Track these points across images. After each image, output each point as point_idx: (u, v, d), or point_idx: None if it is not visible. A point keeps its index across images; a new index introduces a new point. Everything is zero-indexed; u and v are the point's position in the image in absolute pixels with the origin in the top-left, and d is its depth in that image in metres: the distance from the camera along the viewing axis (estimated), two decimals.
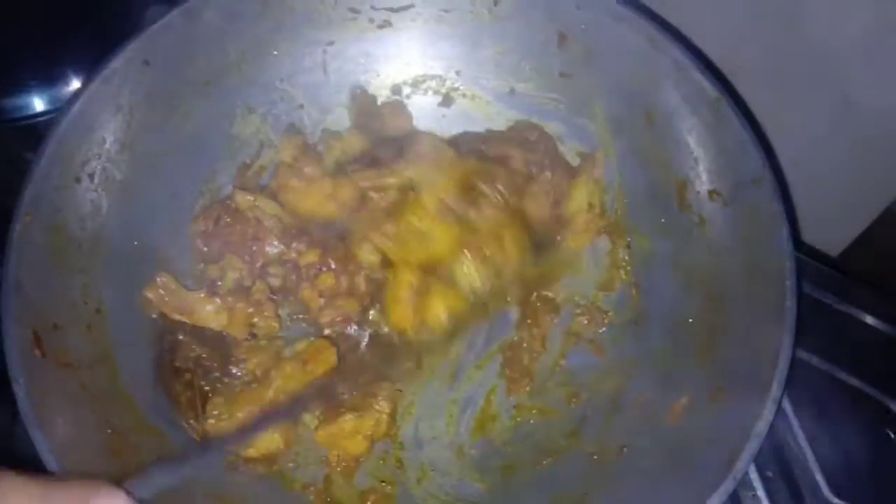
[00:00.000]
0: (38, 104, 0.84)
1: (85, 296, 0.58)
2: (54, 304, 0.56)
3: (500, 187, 0.66)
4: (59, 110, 0.82)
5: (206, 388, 0.59)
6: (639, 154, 0.67)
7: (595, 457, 0.60)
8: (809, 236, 0.87)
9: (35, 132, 0.85)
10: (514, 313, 0.68)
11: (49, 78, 0.85)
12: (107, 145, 0.61)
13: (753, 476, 0.66)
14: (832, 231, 0.90)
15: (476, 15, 0.69)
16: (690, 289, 0.63)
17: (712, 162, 0.62)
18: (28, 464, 0.64)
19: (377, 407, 0.60)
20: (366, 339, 0.64)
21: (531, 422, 0.65)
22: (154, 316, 0.61)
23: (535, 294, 0.68)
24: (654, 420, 0.59)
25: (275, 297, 0.65)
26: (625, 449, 0.59)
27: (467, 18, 0.70)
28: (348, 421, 0.59)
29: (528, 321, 0.67)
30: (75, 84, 0.85)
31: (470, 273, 0.62)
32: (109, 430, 0.54)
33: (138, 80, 0.61)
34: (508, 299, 0.67)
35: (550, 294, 0.68)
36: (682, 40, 0.63)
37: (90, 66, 0.84)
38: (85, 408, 0.54)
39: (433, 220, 0.63)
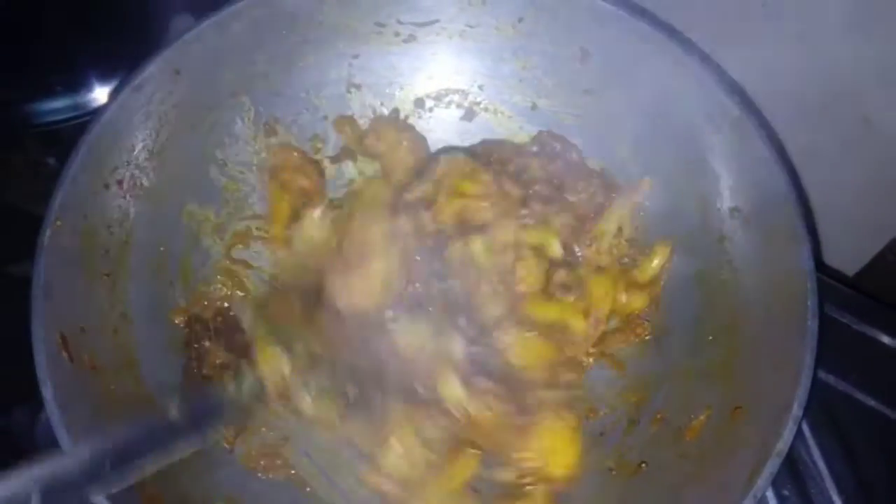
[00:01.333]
0: (61, 110, 0.86)
1: (111, 301, 0.59)
2: (81, 308, 0.57)
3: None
4: (81, 116, 0.85)
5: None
6: (660, 170, 0.68)
7: (613, 472, 0.60)
8: (825, 256, 0.87)
9: (58, 137, 0.87)
10: None
11: (72, 84, 0.86)
12: (136, 152, 0.62)
13: (769, 494, 0.66)
14: (848, 251, 0.91)
15: (500, 31, 0.70)
16: (711, 306, 0.63)
17: (734, 180, 0.62)
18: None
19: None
20: None
21: None
22: (180, 323, 0.62)
23: None
24: (673, 437, 0.59)
25: None
26: (643, 465, 0.59)
27: (491, 34, 0.71)
28: None
29: None
30: (98, 90, 0.86)
31: None
32: None
33: (169, 89, 0.62)
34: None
35: None
36: (705, 59, 0.63)
37: (113, 72, 0.86)
38: (110, 412, 0.54)
39: None
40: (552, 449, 0.56)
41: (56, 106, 0.86)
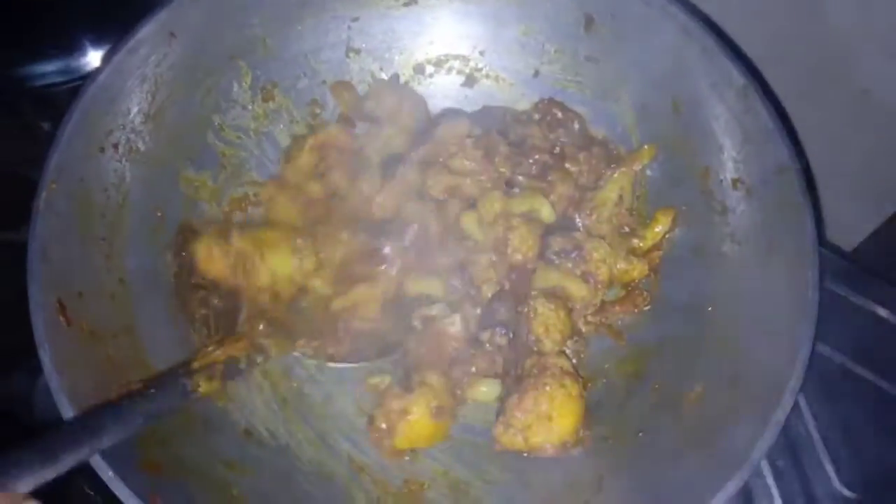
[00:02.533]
0: (55, 73, 0.84)
1: (108, 265, 0.58)
2: (78, 272, 0.56)
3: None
4: (75, 79, 0.83)
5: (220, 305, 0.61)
6: (663, 140, 0.67)
7: (609, 441, 0.60)
8: (824, 229, 0.87)
9: (51, 100, 0.85)
10: None
11: (66, 47, 0.84)
12: (131, 116, 0.61)
13: (764, 465, 0.67)
14: (847, 226, 0.91)
15: None
16: (710, 277, 0.63)
17: (738, 150, 0.62)
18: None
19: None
20: None
21: None
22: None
23: None
24: (670, 406, 0.59)
25: None
26: (640, 434, 0.59)
27: None
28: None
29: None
30: (91, 53, 0.85)
31: None
32: None
33: (164, 51, 0.61)
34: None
35: None
36: (712, 27, 0.62)
37: (106, 35, 0.85)
38: (109, 376, 0.54)
39: None
40: (553, 415, 0.56)
41: (49, 69, 0.85)
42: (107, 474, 0.47)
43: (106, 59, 0.60)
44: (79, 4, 0.86)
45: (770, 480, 0.67)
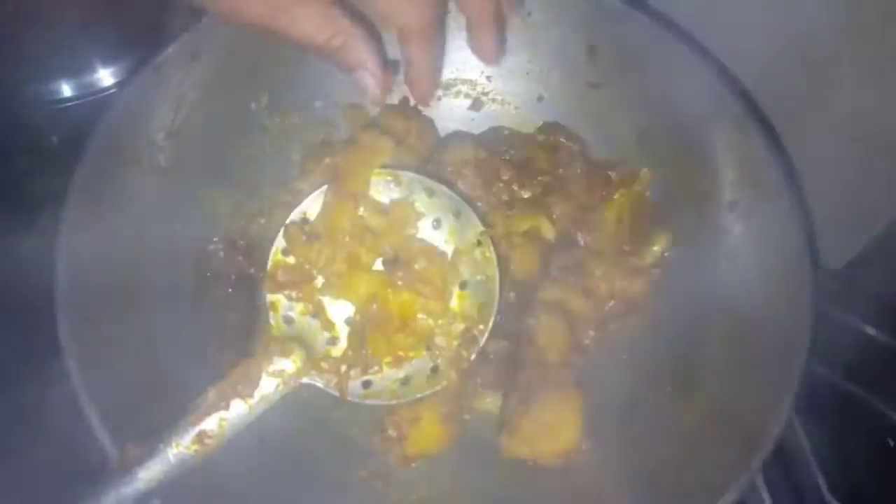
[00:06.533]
0: (66, 90, 0.87)
1: (128, 277, 0.61)
2: (100, 283, 0.58)
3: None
4: (85, 96, 0.86)
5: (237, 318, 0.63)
6: (662, 164, 0.70)
7: (610, 452, 0.62)
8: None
9: (61, 117, 0.88)
10: None
11: (76, 65, 0.87)
12: (153, 132, 0.63)
13: (757, 477, 0.69)
14: (835, 245, 0.93)
15: (509, 23, 0.72)
16: (708, 296, 0.65)
17: (733, 174, 0.65)
18: (60, 431, 0.67)
19: None
20: None
21: None
22: None
23: None
24: (669, 420, 0.61)
25: None
26: (640, 446, 0.61)
27: None
28: None
29: None
30: (101, 72, 0.88)
31: None
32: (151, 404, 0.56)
33: (187, 71, 0.63)
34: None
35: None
36: (708, 56, 0.66)
37: (116, 54, 0.87)
38: (128, 385, 0.56)
39: None
40: (556, 425, 0.58)
41: (60, 86, 0.87)
42: None
43: (131, 78, 0.63)
44: (89, 23, 0.88)
45: (764, 494, 0.69)
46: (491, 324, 0.58)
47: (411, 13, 0.53)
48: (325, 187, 0.58)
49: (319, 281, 0.58)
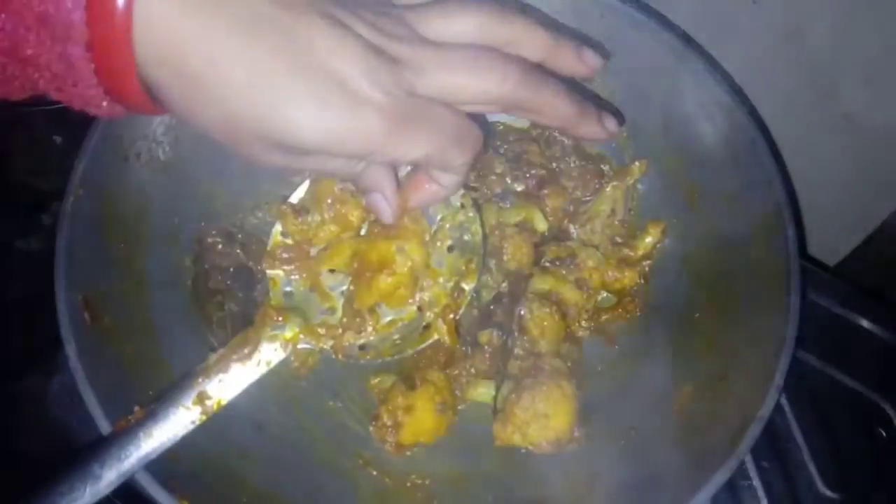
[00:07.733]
0: None
1: (129, 268, 0.62)
2: (101, 274, 0.59)
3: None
4: None
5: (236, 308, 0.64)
6: (654, 157, 0.71)
7: (603, 438, 0.63)
8: (808, 248, 0.90)
9: (63, 116, 0.88)
10: None
11: None
12: (153, 127, 0.64)
13: (750, 465, 0.70)
14: (830, 242, 0.94)
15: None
16: (699, 285, 0.67)
17: (724, 167, 0.66)
18: (58, 426, 0.68)
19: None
20: None
21: None
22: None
23: None
24: (661, 405, 0.62)
25: None
26: (632, 431, 0.62)
27: None
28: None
29: None
30: None
31: None
32: (151, 392, 0.57)
33: None
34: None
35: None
36: (700, 50, 0.67)
37: None
38: (129, 373, 0.57)
39: None
40: (549, 413, 0.59)
41: None
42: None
43: None
44: None
45: (756, 482, 0.70)
46: (478, 275, 0.58)
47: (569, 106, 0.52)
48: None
49: (314, 250, 0.59)
